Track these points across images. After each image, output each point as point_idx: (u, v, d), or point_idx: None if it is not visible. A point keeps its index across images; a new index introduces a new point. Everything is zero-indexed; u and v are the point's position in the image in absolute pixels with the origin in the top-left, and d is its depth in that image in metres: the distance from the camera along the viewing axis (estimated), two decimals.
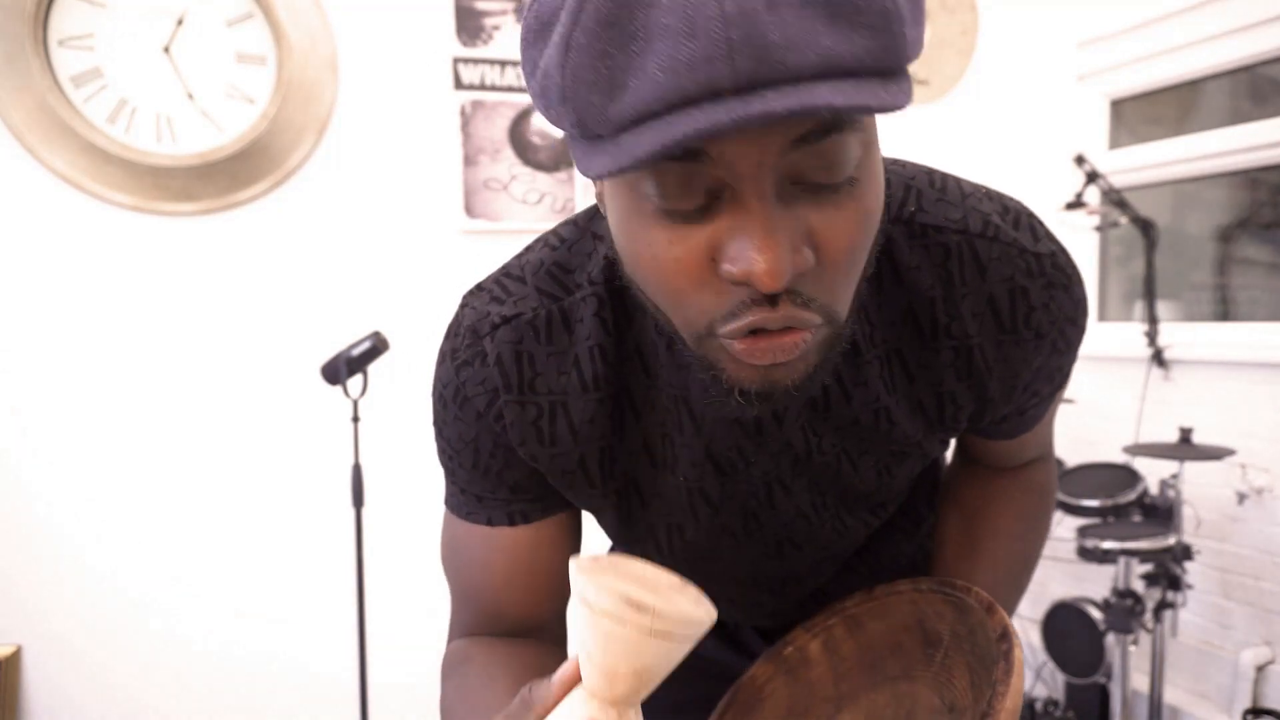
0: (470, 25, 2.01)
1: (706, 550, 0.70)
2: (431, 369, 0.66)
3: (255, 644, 1.97)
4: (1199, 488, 2.11)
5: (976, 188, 0.60)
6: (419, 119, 2.00)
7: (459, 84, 2.01)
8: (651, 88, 0.37)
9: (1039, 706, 2.17)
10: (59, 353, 1.80)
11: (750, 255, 0.41)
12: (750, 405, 0.49)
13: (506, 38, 2.04)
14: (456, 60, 2.01)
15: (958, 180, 0.60)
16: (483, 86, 2.03)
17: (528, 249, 0.65)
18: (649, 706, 0.86)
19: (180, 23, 1.80)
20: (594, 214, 0.63)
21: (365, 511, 1.72)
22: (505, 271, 0.64)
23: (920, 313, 0.58)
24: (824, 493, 0.67)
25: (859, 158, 0.43)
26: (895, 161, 0.61)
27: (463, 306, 0.63)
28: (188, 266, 1.87)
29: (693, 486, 0.64)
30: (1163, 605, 1.92)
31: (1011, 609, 0.78)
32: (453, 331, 0.63)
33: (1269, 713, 1.94)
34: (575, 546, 0.70)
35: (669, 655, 0.41)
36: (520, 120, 2.06)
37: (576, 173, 2.12)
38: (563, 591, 0.69)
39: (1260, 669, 1.99)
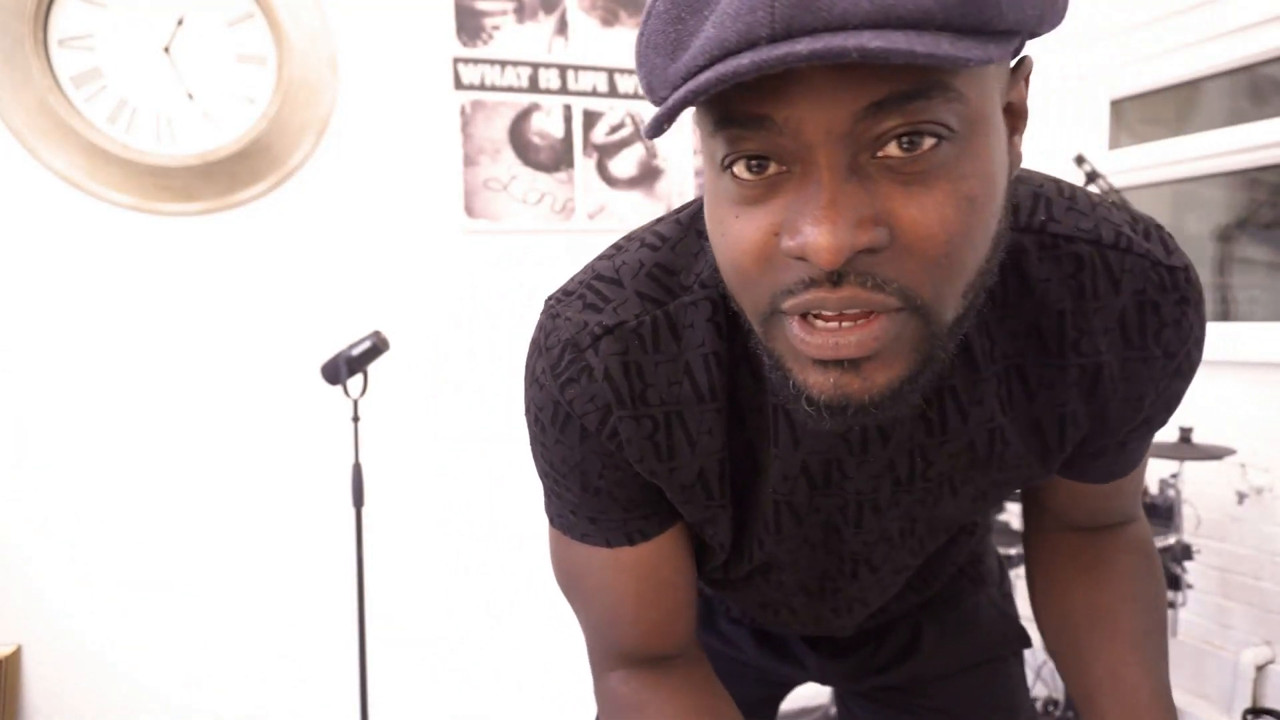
0: (470, 25, 2.01)
1: (782, 560, 0.67)
2: (431, 369, 0.65)
3: (255, 644, 1.97)
4: (1199, 487, 2.11)
5: (1104, 198, 0.57)
6: (419, 119, 2.00)
7: (459, 84, 2.01)
8: (702, 43, 0.37)
9: (1039, 706, 2.17)
10: (59, 353, 1.80)
11: (808, 228, 0.38)
12: (820, 418, 0.44)
13: (506, 38, 2.04)
14: (456, 60, 2.01)
15: (1085, 190, 0.57)
16: (483, 86, 2.03)
17: (619, 250, 0.58)
18: None
19: (180, 23, 1.80)
20: (697, 211, 0.58)
21: (365, 511, 1.72)
22: (596, 274, 0.57)
23: (1047, 327, 0.54)
24: (915, 520, 0.64)
25: (957, 134, 0.39)
26: (1022, 170, 0.58)
27: (552, 317, 0.56)
28: (188, 266, 1.87)
29: (780, 499, 0.61)
30: None
31: (1166, 684, 0.68)
32: (544, 346, 0.56)
33: (1269, 712, 1.94)
34: (692, 551, 0.67)
35: None
36: (520, 120, 2.06)
37: (576, 173, 2.12)
38: (693, 604, 0.66)
39: (1260, 669, 1.99)
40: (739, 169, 0.41)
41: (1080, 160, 2.19)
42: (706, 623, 0.88)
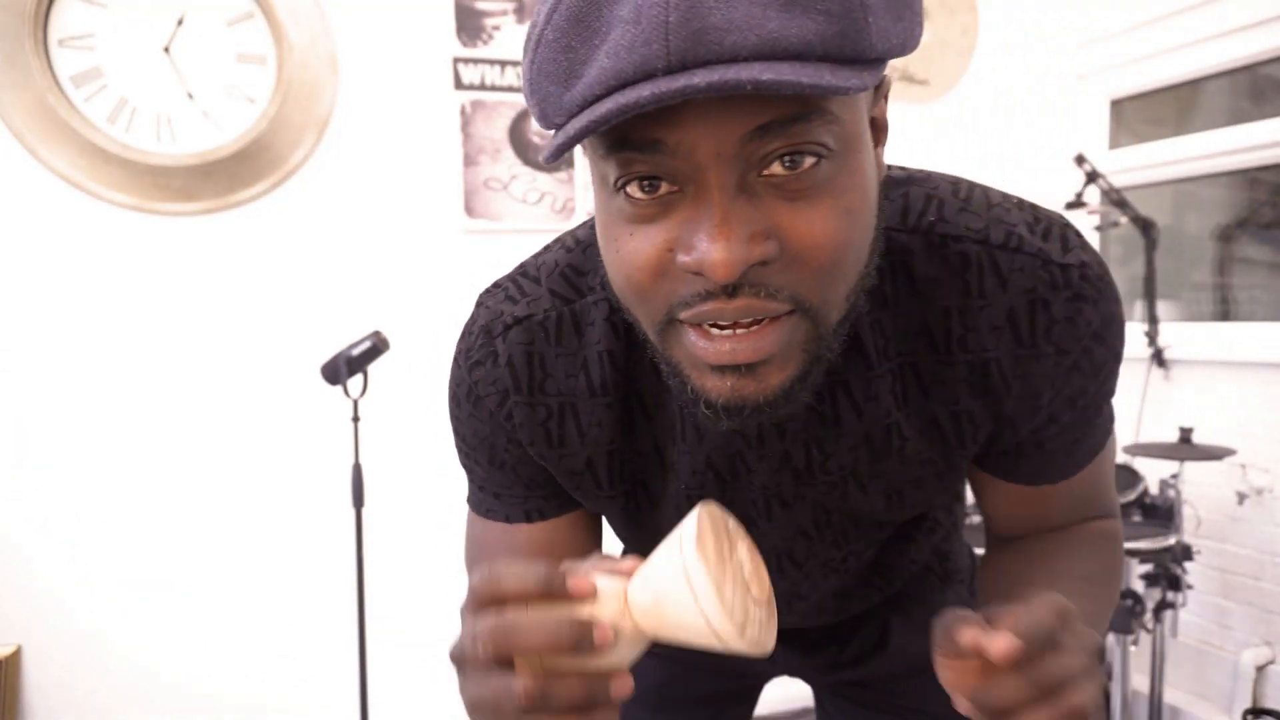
0: (470, 25, 2.01)
1: None
2: (432, 369, 0.66)
3: (255, 644, 1.97)
4: (1199, 488, 2.11)
5: (1008, 198, 0.58)
6: (419, 119, 2.00)
7: (459, 84, 2.01)
8: (597, 73, 0.39)
9: None
10: (59, 352, 1.80)
11: (703, 244, 0.41)
12: (719, 419, 0.47)
13: (506, 38, 2.04)
14: (456, 60, 2.01)
15: (987, 190, 0.58)
16: (483, 86, 2.03)
17: (546, 249, 0.64)
18: (671, 695, 0.86)
19: (180, 23, 1.80)
20: None
21: (365, 511, 1.72)
22: (522, 270, 0.63)
23: (935, 326, 0.56)
24: (829, 512, 0.65)
25: (835, 153, 0.42)
26: (921, 173, 0.60)
27: (478, 305, 0.63)
28: (188, 266, 1.87)
29: (693, 494, 0.63)
30: (1163, 605, 1.92)
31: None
32: (467, 330, 0.63)
33: (1269, 713, 1.94)
34: (595, 542, 0.70)
35: (699, 643, 0.42)
36: (520, 120, 2.06)
37: (576, 173, 2.12)
38: None
39: (1260, 669, 1.99)
40: (632, 189, 0.43)
41: (1080, 160, 2.19)
42: None
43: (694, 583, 0.40)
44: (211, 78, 1.83)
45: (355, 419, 1.66)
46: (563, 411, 0.60)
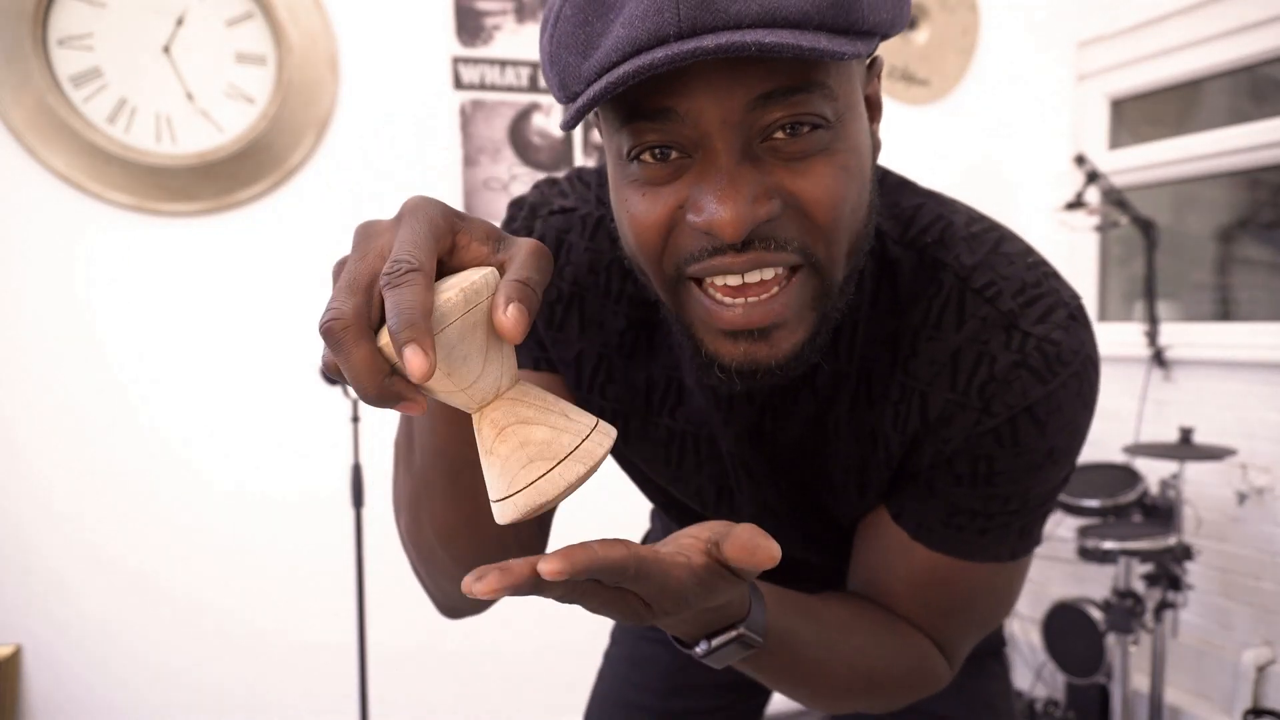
0: (470, 25, 2.01)
1: (678, 513, 0.72)
2: None
3: (255, 643, 1.97)
4: (1199, 488, 2.11)
5: (1025, 254, 0.57)
6: (419, 119, 2.00)
7: (459, 84, 2.01)
8: (614, 41, 0.41)
9: (1039, 706, 2.17)
10: (59, 353, 1.80)
11: (711, 205, 0.44)
12: (731, 382, 0.49)
13: (506, 38, 2.04)
14: (456, 60, 2.01)
15: (1005, 238, 0.57)
16: (483, 86, 2.03)
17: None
18: (682, 683, 0.89)
19: (180, 23, 1.80)
20: None
21: (365, 511, 1.72)
22: (578, 174, 0.67)
23: (900, 341, 0.57)
24: (790, 493, 0.66)
25: (831, 123, 0.45)
26: (945, 196, 0.60)
27: (534, 187, 0.68)
28: (187, 266, 1.87)
29: (676, 429, 0.66)
30: (1163, 605, 1.92)
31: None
32: (516, 203, 0.67)
33: (1269, 713, 1.93)
34: None
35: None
36: (520, 120, 2.06)
37: None
38: None
39: (1261, 669, 1.99)
40: (645, 157, 0.46)
41: (1080, 160, 2.19)
42: None
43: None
44: (211, 78, 1.83)
45: (355, 419, 1.66)
46: (571, 299, 0.63)
